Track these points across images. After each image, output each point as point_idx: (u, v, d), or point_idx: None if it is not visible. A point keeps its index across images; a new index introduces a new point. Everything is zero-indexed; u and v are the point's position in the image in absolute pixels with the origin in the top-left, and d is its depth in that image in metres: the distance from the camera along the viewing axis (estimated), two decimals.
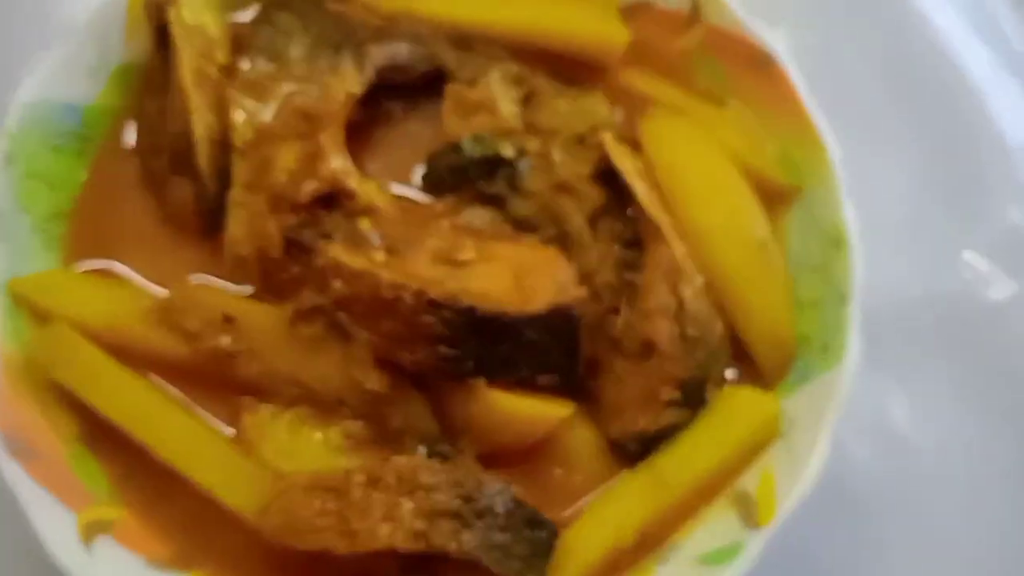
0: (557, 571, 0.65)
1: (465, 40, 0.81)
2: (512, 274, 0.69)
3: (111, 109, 0.79)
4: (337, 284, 0.67)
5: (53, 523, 0.63)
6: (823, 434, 0.66)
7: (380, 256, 0.68)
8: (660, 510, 0.67)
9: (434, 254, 0.69)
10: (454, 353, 0.66)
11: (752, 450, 0.69)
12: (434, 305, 0.65)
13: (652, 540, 0.68)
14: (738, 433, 0.69)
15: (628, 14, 0.82)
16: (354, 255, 0.68)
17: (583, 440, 0.70)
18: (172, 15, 0.77)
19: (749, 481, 0.69)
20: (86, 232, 0.76)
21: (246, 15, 0.82)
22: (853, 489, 0.85)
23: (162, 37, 0.79)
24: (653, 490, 0.68)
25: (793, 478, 0.66)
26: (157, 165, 0.77)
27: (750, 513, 0.66)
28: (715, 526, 0.67)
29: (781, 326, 0.73)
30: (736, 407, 0.69)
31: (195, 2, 0.79)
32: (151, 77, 0.79)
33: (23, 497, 0.63)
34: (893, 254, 0.93)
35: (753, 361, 0.73)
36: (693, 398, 0.69)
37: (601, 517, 0.67)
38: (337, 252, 0.68)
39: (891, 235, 0.94)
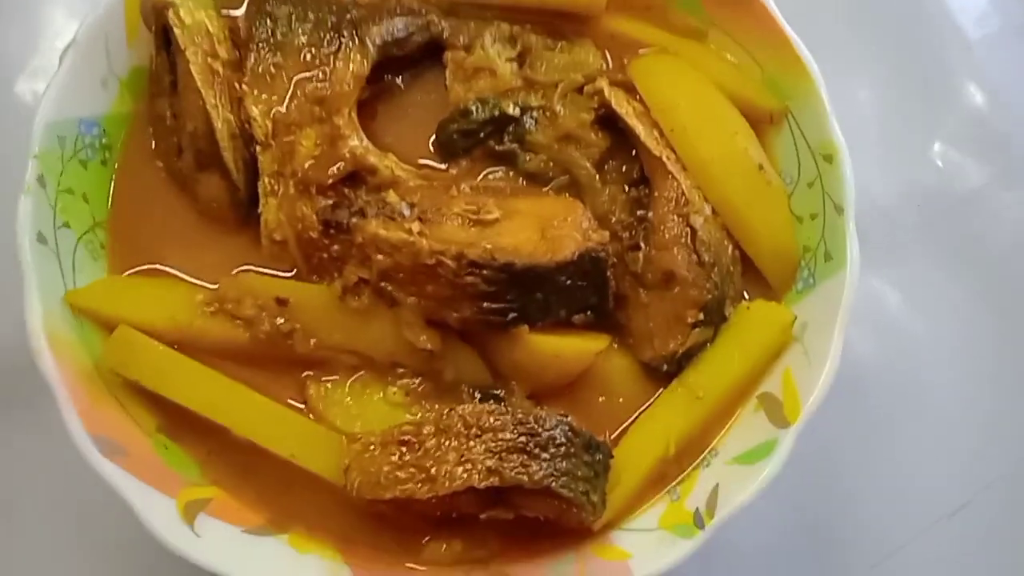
0: (613, 487, 0.72)
1: (455, 7, 0.85)
2: (537, 226, 0.75)
3: (127, 115, 0.82)
4: (379, 257, 0.72)
5: (156, 510, 0.68)
6: (836, 335, 0.73)
7: (415, 226, 0.73)
8: (697, 421, 0.75)
9: (462, 217, 0.74)
10: (497, 306, 0.71)
11: (772, 356, 0.76)
12: (474, 265, 0.70)
13: (693, 448, 0.76)
14: (758, 343, 0.76)
15: None
16: (391, 228, 0.72)
17: (619, 367, 0.77)
18: (172, 17, 0.79)
19: (772, 383, 0.76)
20: (126, 237, 0.80)
21: (240, 8, 0.85)
22: (858, 377, 0.93)
23: (164, 39, 0.81)
24: (688, 404, 0.75)
25: (812, 377, 0.73)
26: (181, 164, 0.80)
27: (778, 413, 0.73)
28: (747, 428, 0.75)
29: (783, 240, 0.79)
30: (754, 320, 0.76)
31: (191, 1, 0.81)
32: (158, 79, 0.82)
33: (125, 492, 0.68)
34: (871, 154, 1.00)
35: (761, 274, 0.80)
36: (715, 317, 0.76)
37: (645, 434, 0.75)
38: (375, 227, 0.72)
39: (868, 137, 1.01)
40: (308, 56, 0.80)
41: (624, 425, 0.76)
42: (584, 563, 0.71)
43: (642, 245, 0.77)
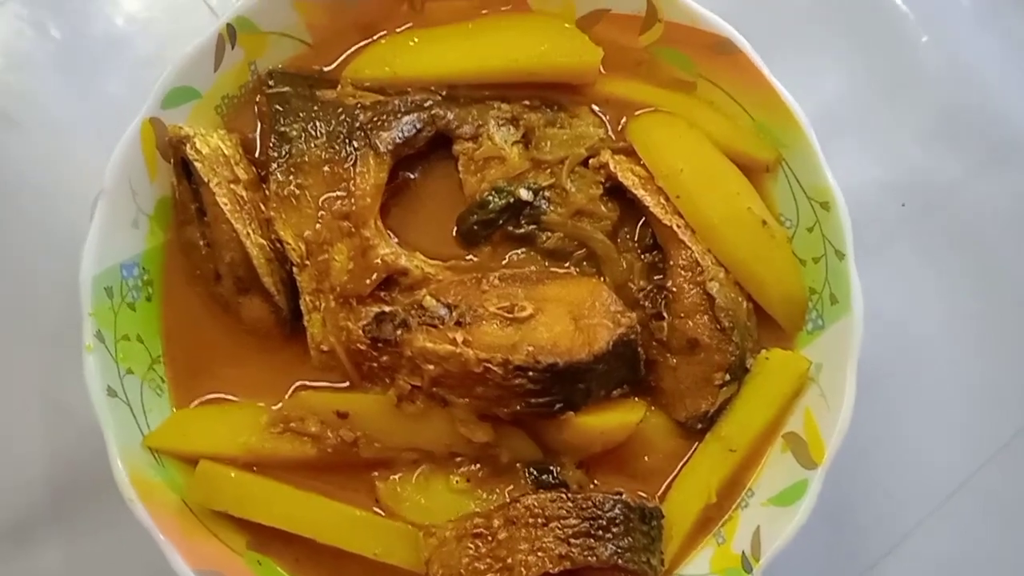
0: (666, 541, 0.81)
1: (453, 90, 0.88)
2: (569, 315, 0.80)
3: (160, 247, 0.86)
4: (429, 367, 0.78)
5: None
6: (848, 380, 0.80)
7: (459, 335, 0.78)
8: (732, 469, 0.83)
9: (499, 317, 0.80)
10: (544, 400, 0.78)
11: (792, 399, 0.84)
12: (520, 369, 0.76)
13: (730, 490, 0.84)
14: (780, 391, 0.83)
15: (587, 22, 0.89)
16: (436, 340, 0.78)
17: (657, 427, 0.84)
18: (190, 152, 0.82)
19: (795, 423, 0.83)
20: (183, 367, 0.85)
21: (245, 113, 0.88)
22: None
23: (183, 168, 0.84)
24: (724, 455, 0.82)
25: (831, 418, 0.80)
26: (221, 290, 0.84)
27: (804, 454, 0.81)
28: (778, 469, 0.82)
29: (791, 288, 0.85)
30: (773, 370, 0.83)
31: (203, 128, 0.84)
32: (183, 207, 0.85)
33: None
34: (851, 155, 1.04)
35: (772, 318, 0.86)
36: (738, 373, 0.83)
37: (689, 487, 0.83)
38: (422, 341, 0.78)
39: (845, 138, 1.05)
40: (327, 171, 0.83)
41: (669, 479, 0.84)
42: None
43: (664, 314, 0.83)
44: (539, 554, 0.75)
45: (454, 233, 0.87)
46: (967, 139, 1.06)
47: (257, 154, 0.87)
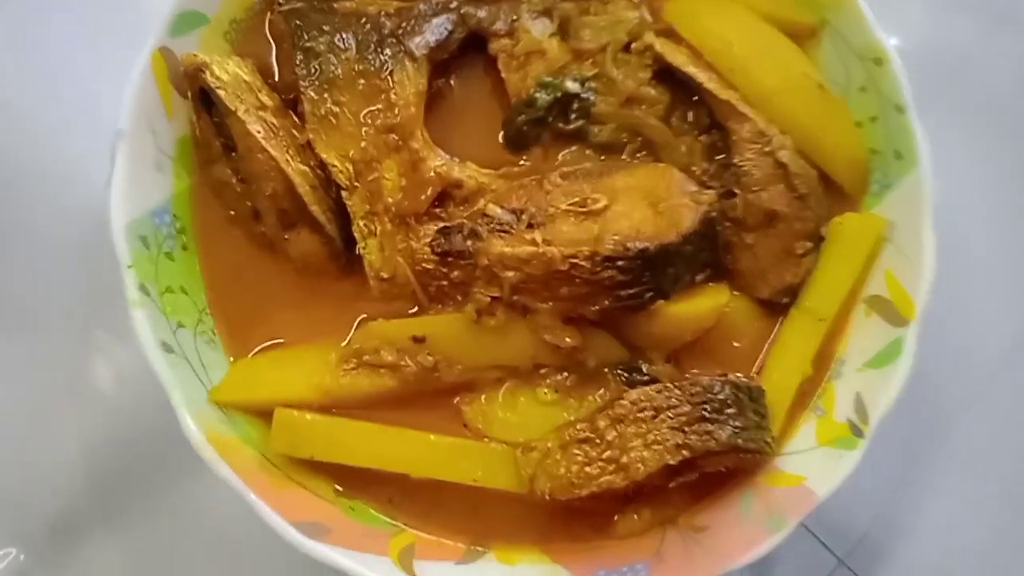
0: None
1: None
2: (645, 201, 0.76)
3: (186, 191, 0.79)
4: (509, 274, 0.73)
5: (379, 572, 0.70)
6: (926, 230, 0.78)
7: (537, 235, 0.73)
8: (823, 339, 0.80)
9: (572, 213, 0.75)
10: (635, 291, 0.74)
11: (872, 261, 0.81)
12: (609, 260, 0.72)
13: (821, 364, 0.81)
14: (859, 254, 0.80)
15: None
16: (514, 244, 0.73)
17: (740, 310, 0.81)
18: (211, 80, 0.75)
19: (876, 286, 0.81)
20: (233, 316, 0.78)
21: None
22: None
23: (201, 101, 0.77)
24: (813, 326, 0.80)
25: (914, 273, 0.78)
26: (264, 228, 0.78)
27: (892, 313, 0.79)
28: (866, 334, 0.80)
29: (855, 150, 0.83)
30: (849, 233, 0.80)
31: (217, 55, 0.77)
32: (207, 145, 0.78)
33: (345, 567, 0.69)
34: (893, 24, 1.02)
35: (834, 184, 0.84)
36: (817, 241, 0.80)
37: (784, 363, 0.80)
38: (499, 247, 0.73)
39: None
40: (363, 85, 0.77)
41: (759, 361, 0.81)
42: (766, 495, 0.76)
43: (736, 191, 0.80)
44: (655, 447, 0.72)
45: (500, 138, 0.82)
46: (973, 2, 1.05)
47: (276, 79, 0.80)
